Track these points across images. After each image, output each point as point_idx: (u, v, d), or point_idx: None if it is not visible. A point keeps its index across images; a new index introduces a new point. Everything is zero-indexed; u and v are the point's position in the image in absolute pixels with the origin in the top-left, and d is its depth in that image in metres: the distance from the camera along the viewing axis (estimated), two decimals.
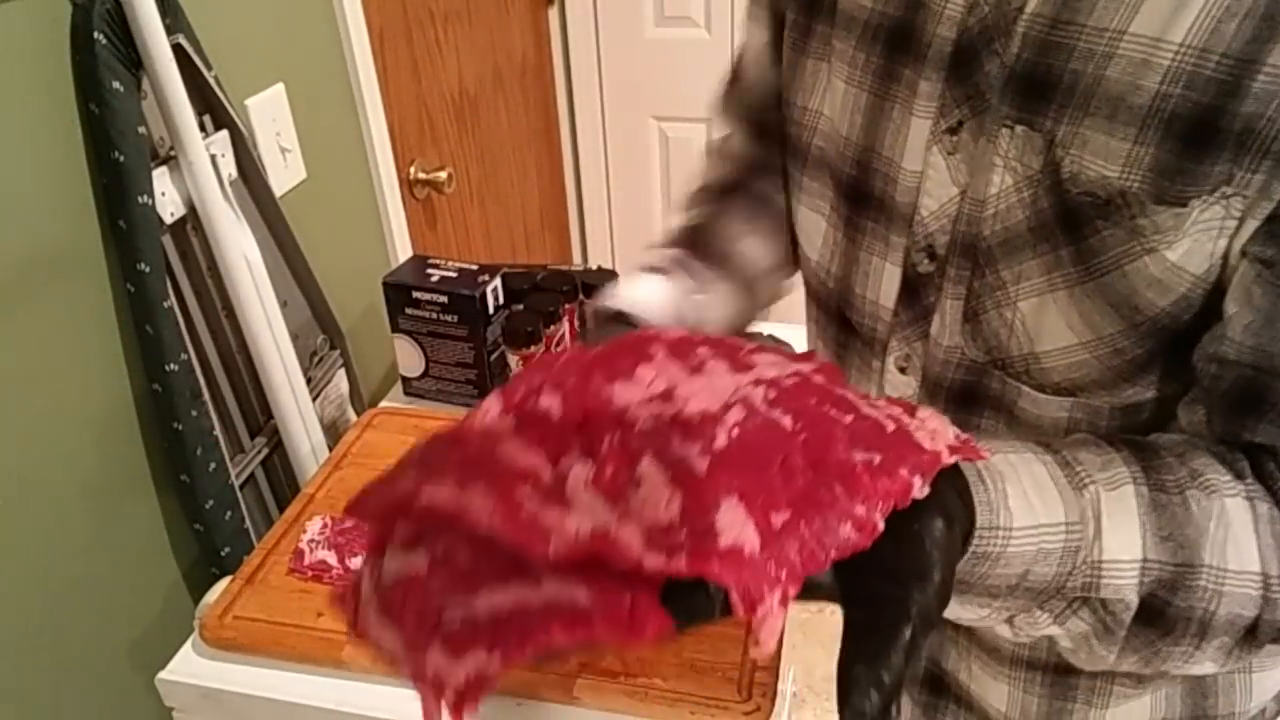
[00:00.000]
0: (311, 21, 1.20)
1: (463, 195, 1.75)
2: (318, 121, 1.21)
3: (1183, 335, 0.52)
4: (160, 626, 0.99)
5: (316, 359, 1.22)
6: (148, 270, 0.89)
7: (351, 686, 0.84)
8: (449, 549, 0.39)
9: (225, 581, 0.93)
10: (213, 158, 0.97)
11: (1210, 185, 0.47)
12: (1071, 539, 0.46)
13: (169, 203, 0.95)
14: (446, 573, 0.39)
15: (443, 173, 1.56)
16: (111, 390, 0.92)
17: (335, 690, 0.84)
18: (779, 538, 0.36)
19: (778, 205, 0.75)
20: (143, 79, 0.90)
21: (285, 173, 1.15)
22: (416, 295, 1.17)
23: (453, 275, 1.18)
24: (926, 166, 0.58)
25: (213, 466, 0.99)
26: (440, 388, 1.24)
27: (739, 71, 0.77)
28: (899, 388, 0.67)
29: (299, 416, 1.11)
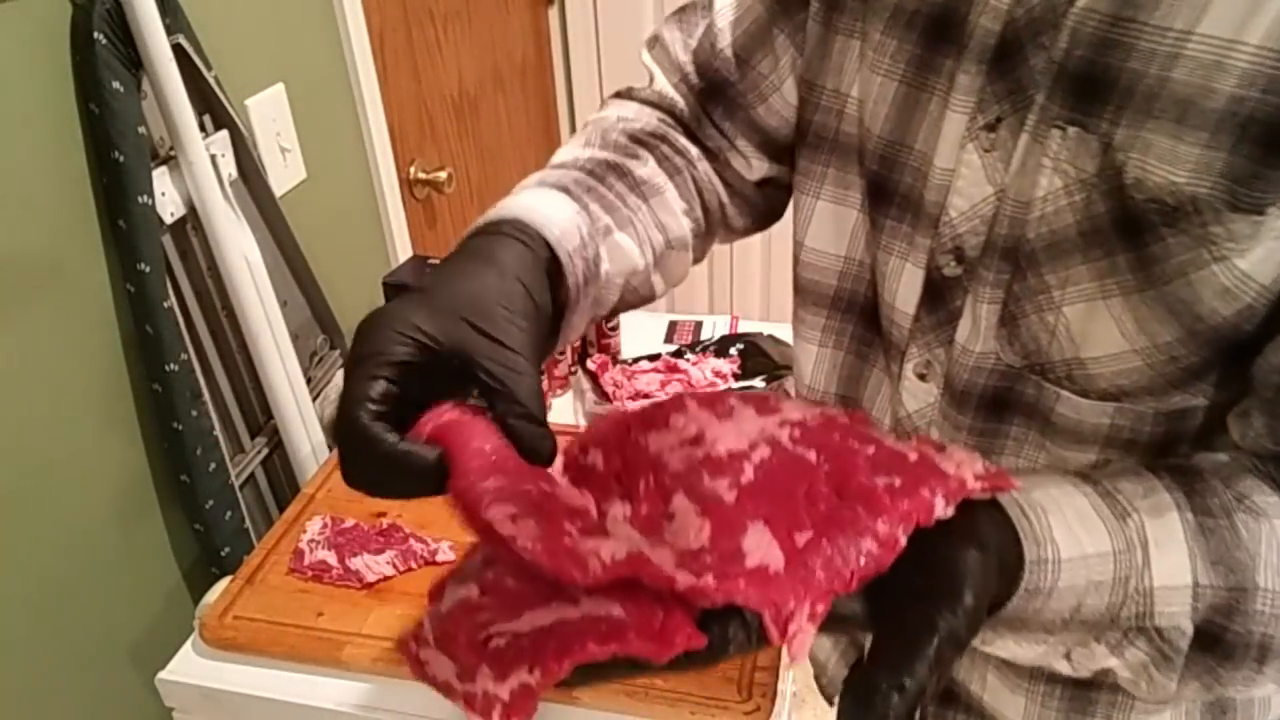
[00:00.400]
0: (311, 21, 1.20)
1: (463, 195, 1.75)
2: (318, 121, 1.21)
3: (1241, 344, 0.50)
4: (160, 626, 0.99)
5: (316, 359, 1.22)
6: (148, 270, 0.89)
7: (351, 686, 0.84)
8: (497, 577, 0.41)
9: (225, 581, 0.93)
10: (213, 158, 0.97)
11: None
12: (1120, 568, 0.45)
13: (169, 203, 0.95)
14: (495, 599, 0.41)
15: (443, 173, 1.56)
16: (111, 390, 0.92)
17: (335, 690, 0.84)
18: (803, 555, 0.38)
19: (688, 174, 0.68)
20: (143, 79, 0.90)
21: (285, 173, 1.15)
22: None
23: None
24: (959, 164, 0.56)
25: (213, 466, 0.99)
26: None
27: (710, 24, 0.69)
28: (918, 395, 0.64)
29: (299, 416, 1.11)
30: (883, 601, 0.40)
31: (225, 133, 1.02)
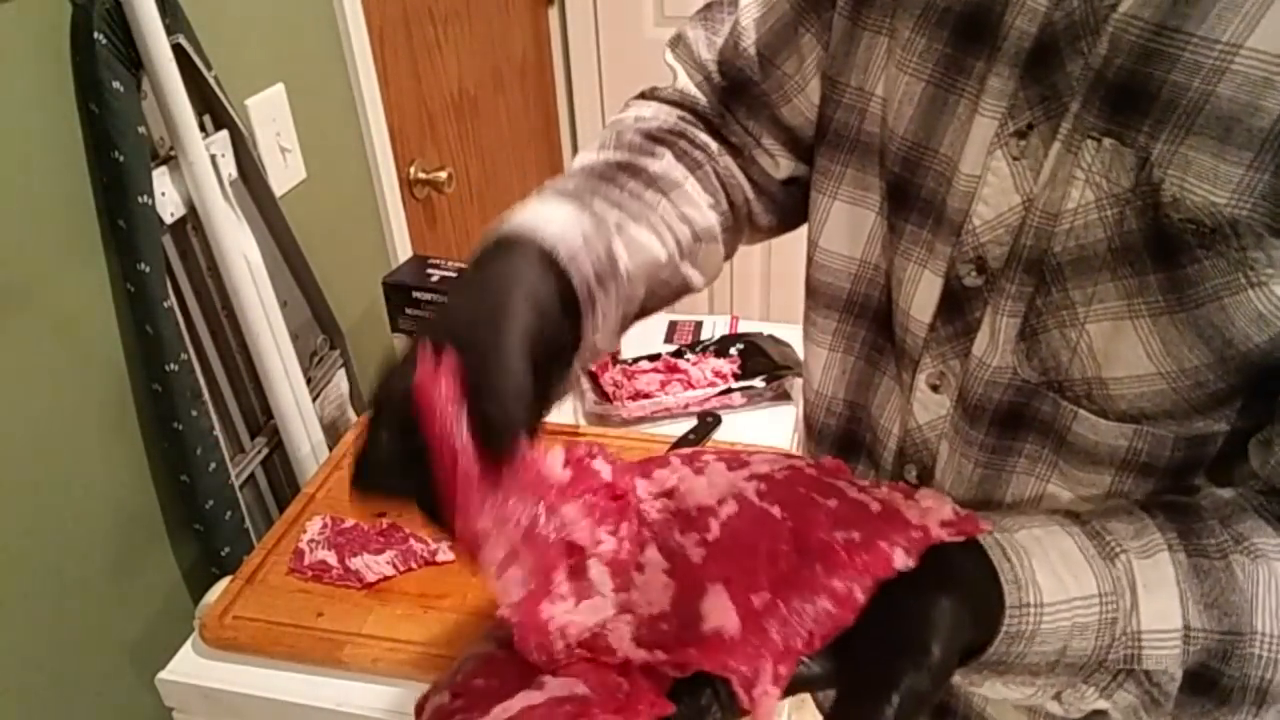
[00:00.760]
0: (311, 21, 1.20)
1: (463, 195, 1.75)
2: (318, 121, 1.21)
3: (1271, 371, 0.48)
4: (160, 626, 0.99)
5: (316, 359, 1.22)
6: (148, 270, 0.89)
7: (351, 686, 0.84)
8: (466, 679, 0.44)
9: (225, 581, 0.93)
10: (213, 158, 0.97)
11: None
12: (1107, 611, 0.45)
13: (169, 203, 0.95)
14: (465, 700, 0.43)
15: (443, 173, 1.56)
16: (111, 390, 0.92)
17: (335, 690, 0.84)
18: (759, 617, 0.40)
19: (709, 169, 0.68)
20: (143, 79, 0.90)
21: (285, 173, 1.15)
22: (416, 295, 1.17)
23: (452, 275, 1.18)
24: (986, 171, 0.53)
25: (213, 466, 0.99)
26: None
27: (736, 21, 0.69)
28: (930, 407, 0.62)
29: (299, 416, 1.11)
30: (848, 658, 0.39)
31: (225, 133, 1.02)
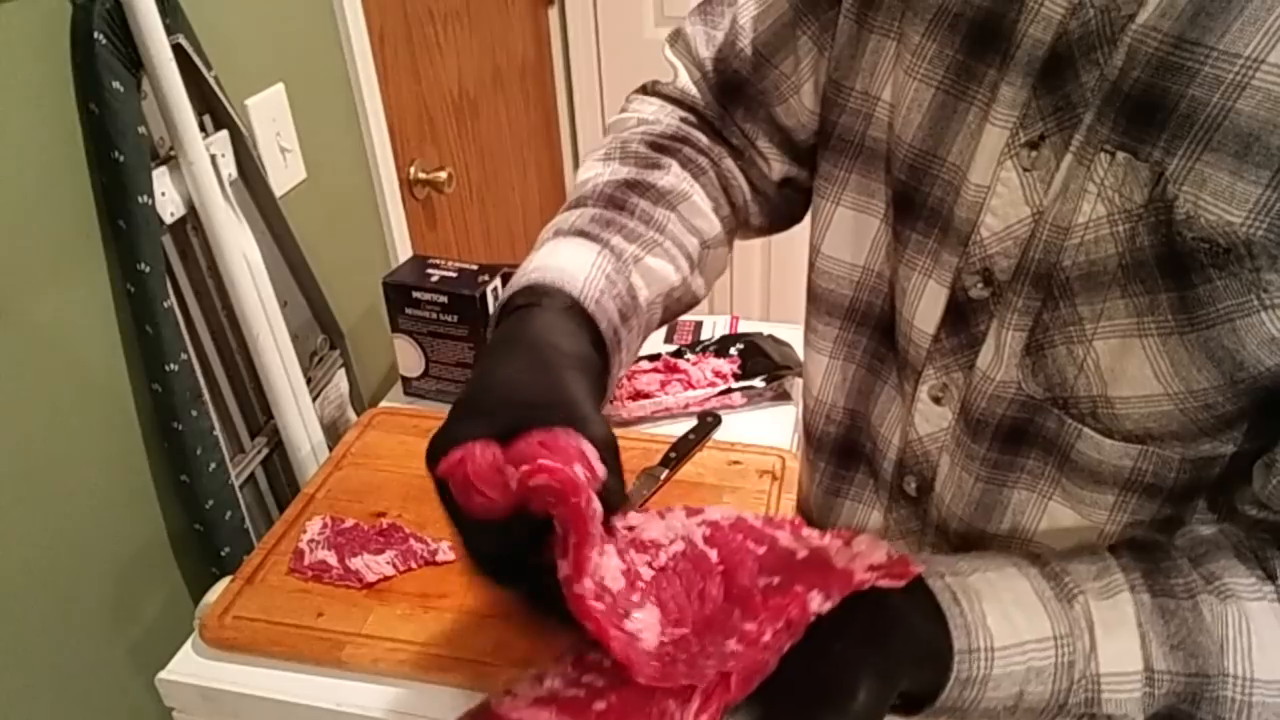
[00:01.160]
0: (311, 21, 1.20)
1: (463, 195, 1.75)
2: (318, 121, 1.21)
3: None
4: (160, 626, 0.99)
5: (316, 359, 1.22)
6: (148, 270, 0.89)
7: (351, 686, 0.84)
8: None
9: (225, 581, 0.93)
10: (213, 158, 0.97)
11: None
12: (1064, 654, 0.44)
13: (169, 203, 0.95)
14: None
15: (443, 173, 1.56)
16: (111, 390, 0.92)
17: (335, 690, 0.84)
18: (672, 647, 0.43)
19: (713, 172, 0.68)
20: (143, 79, 0.90)
21: (285, 173, 1.15)
22: (416, 295, 1.17)
23: (453, 275, 1.18)
24: (995, 181, 0.52)
25: (213, 466, 0.99)
26: (440, 388, 1.24)
27: (734, 19, 0.68)
28: (931, 419, 0.61)
29: (299, 416, 1.11)
30: (772, 705, 0.40)
31: (225, 133, 1.02)
